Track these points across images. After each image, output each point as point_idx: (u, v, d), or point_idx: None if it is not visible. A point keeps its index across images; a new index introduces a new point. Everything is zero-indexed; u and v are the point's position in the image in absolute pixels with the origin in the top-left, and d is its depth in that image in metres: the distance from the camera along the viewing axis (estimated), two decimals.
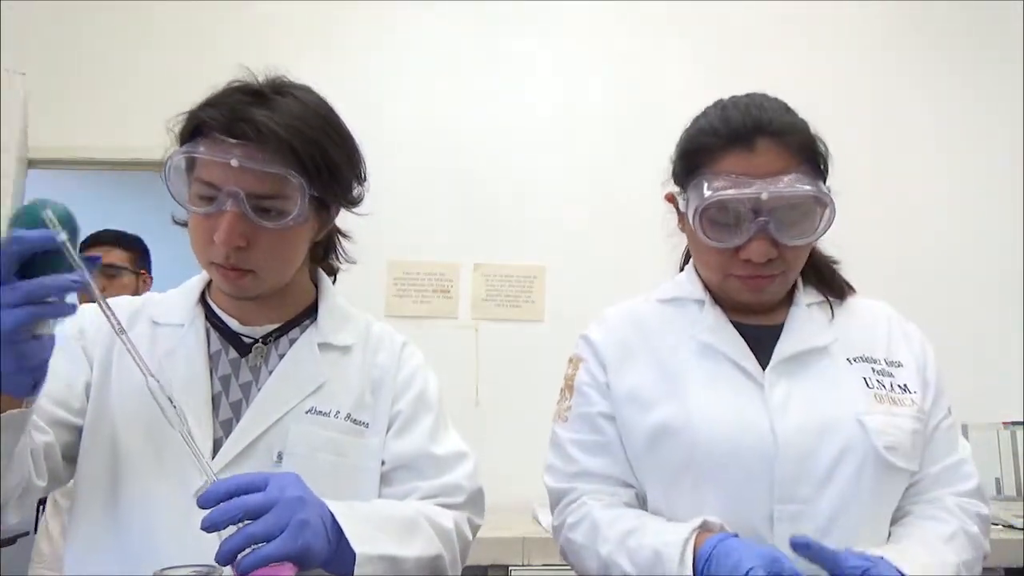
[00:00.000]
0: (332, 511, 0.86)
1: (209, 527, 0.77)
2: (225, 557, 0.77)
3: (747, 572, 0.82)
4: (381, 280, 2.99)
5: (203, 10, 3.06)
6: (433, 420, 1.08)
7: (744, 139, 0.98)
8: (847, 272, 1.17)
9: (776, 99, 1.05)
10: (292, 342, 1.06)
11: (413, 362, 1.12)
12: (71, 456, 0.98)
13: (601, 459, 1.07)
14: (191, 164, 0.97)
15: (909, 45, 3.25)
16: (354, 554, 0.85)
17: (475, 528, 1.07)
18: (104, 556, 0.95)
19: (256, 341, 1.05)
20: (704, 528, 0.93)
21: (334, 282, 1.18)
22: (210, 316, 1.06)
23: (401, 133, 3.01)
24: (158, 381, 0.80)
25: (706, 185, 0.99)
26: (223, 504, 0.77)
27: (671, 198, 1.13)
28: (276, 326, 1.06)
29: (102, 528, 0.96)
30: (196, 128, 0.96)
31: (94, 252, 2.42)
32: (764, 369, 1.03)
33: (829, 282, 1.14)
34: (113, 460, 0.97)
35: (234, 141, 0.92)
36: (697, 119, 1.08)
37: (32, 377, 0.75)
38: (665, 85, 3.13)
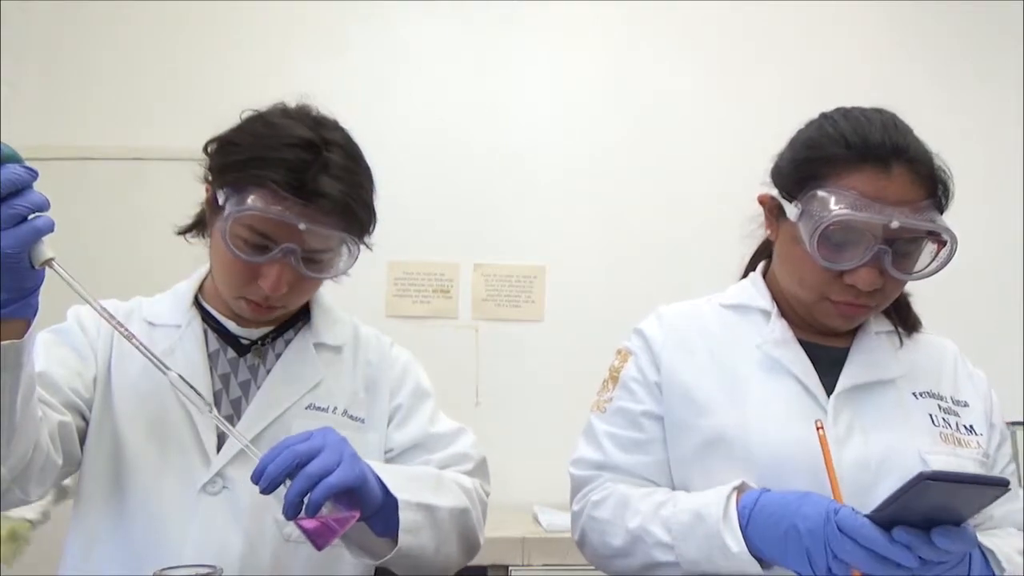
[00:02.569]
0: (370, 464, 0.89)
1: (268, 486, 0.79)
2: (292, 505, 0.79)
3: (832, 510, 0.81)
4: (381, 280, 2.99)
5: (206, 10, 3.06)
6: (431, 407, 1.14)
7: (881, 159, 0.91)
8: None
9: (901, 119, 0.98)
10: (288, 342, 1.09)
11: (403, 358, 1.17)
12: (83, 442, 1.00)
13: (634, 456, 1.03)
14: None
15: (912, 45, 3.25)
16: (394, 508, 0.88)
17: (486, 493, 1.11)
18: (107, 550, 0.97)
19: (254, 342, 1.07)
20: (742, 489, 0.91)
21: None
22: (206, 318, 1.08)
23: (401, 134, 3.01)
24: (179, 375, 0.83)
25: (833, 200, 0.91)
26: (276, 457, 0.79)
27: (766, 199, 1.04)
28: (272, 328, 1.09)
29: (105, 523, 0.98)
30: (251, 179, 0.94)
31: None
32: (826, 391, 0.99)
33: (904, 315, 1.08)
34: (116, 456, 0.99)
35: (300, 202, 0.93)
36: (820, 123, 1.00)
37: (33, 299, 0.76)
38: (666, 85, 3.14)
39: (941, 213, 0.96)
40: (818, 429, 0.89)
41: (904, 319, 1.08)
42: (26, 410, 0.81)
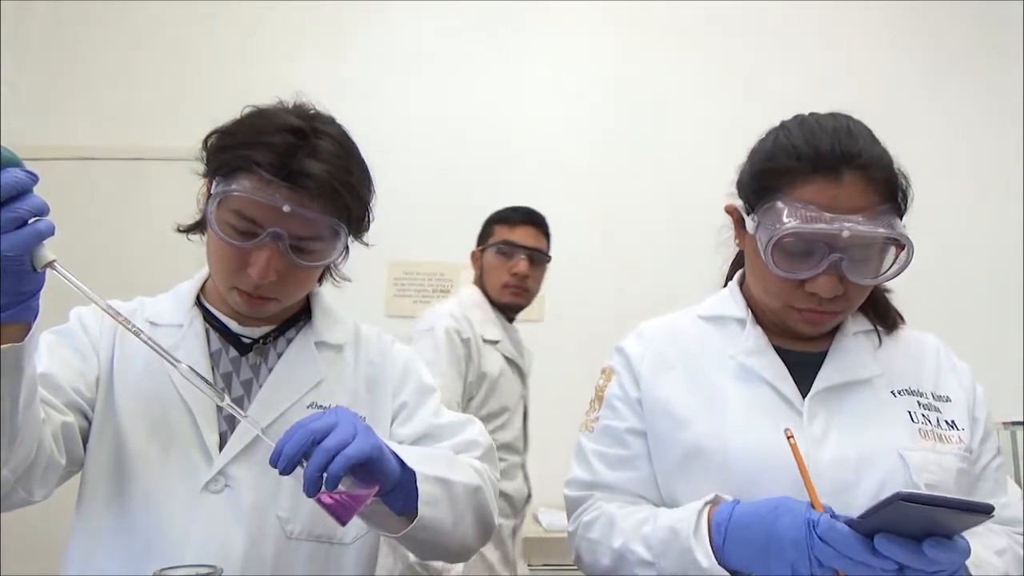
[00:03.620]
0: (384, 441, 0.89)
1: (286, 466, 0.80)
2: (312, 481, 0.79)
3: (812, 521, 0.81)
4: (381, 280, 3.00)
5: (207, 10, 3.06)
6: (436, 402, 1.14)
7: (831, 168, 0.92)
8: None
9: (862, 124, 0.99)
10: (289, 341, 1.09)
11: (405, 356, 1.17)
12: (86, 442, 1.00)
13: (622, 473, 1.05)
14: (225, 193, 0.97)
15: (913, 45, 3.25)
16: (411, 483, 0.89)
17: (496, 479, 1.12)
18: (110, 549, 0.97)
19: (255, 341, 1.07)
20: (716, 502, 0.92)
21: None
22: (208, 318, 1.08)
23: (401, 133, 3.01)
24: (190, 366, 0.84)
25: (784, 213, 0.93)
26: (292, 437, 0.80)
27: (732, 210, 1.06)
28: (273, 327, 1.09)
29: (108, 522, 0.98)
30: (238, 161, 0.95)
31: (524, 230, 2.16)
32: (804, 397, 1.00)
33: (883, 313, 1.09)
34: (119, 455, 0.99)
35: (286, 185, 0.93)
36: (776, 134, 1.01)
37: (34, 303, 0.76)
38: (666, 86, 3.14)
39: (901, 216, 0.96)
40: (788, 438, 0.90)
41: (882, 317, 1.08)
42: (28, 412, 0.81)
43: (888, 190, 0.94)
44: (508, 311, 2.20)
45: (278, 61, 2.97)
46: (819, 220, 0.91)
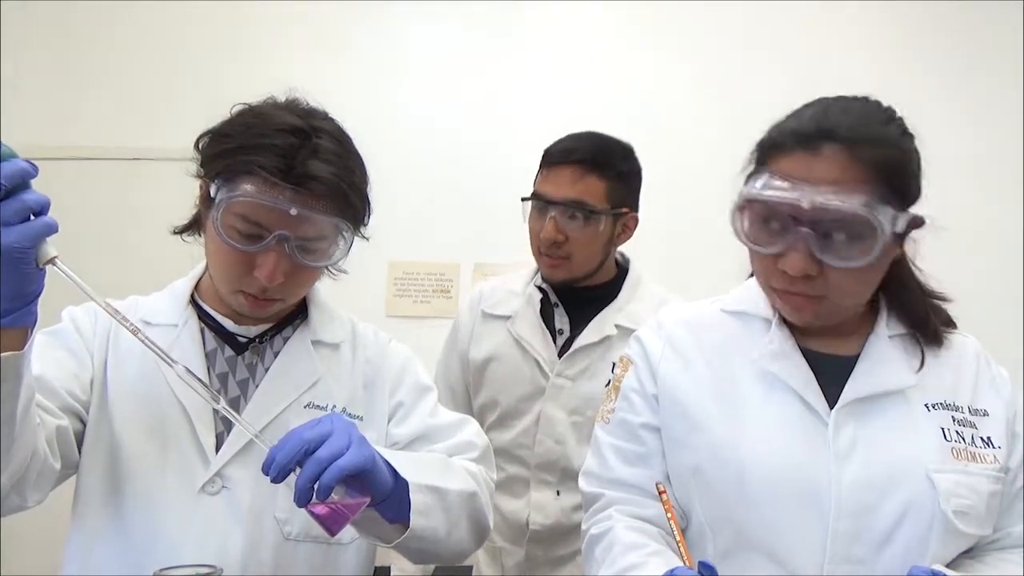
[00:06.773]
0: (377, 449, 0.89)
1: (278, 475, 0.79)
2: (303, 491, 0.79)
3: None
4: (381, 280, 2.99)
5: (205, 10, 3.06)
6: (432, 401, 1.14)
7: (809, 141, 0.87)
8: None
9: (877, 106, 0.93)
10: (286, 340, 1.09)
11: (402, 355, 1.16)
12: (81, 445, 1.00)
13: (637, 469, 1.00)
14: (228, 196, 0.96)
15: (911, 45, 3.25)
16: (404, 493, 0.88)
17: (492, 480, 1.11)
18: (107, 551, 0.97)
19: (251, 340, 1.06)
20: None
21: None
22: (203, 317, 1.07)
23: (401, 133, 3.01)
24: (186, 367, 0.83)
25: (756, 182, 0.89)
26: (285, 445, 0.80)
27: None
28: (269, 325, 1.08)
29: (105, 523, 0.97)
30: (241, 166, 0.94)
31: (556, 174, 1.67)
32: (830, 405, 0.93)
33: (920, 323, 0.99)
34: (114, 457, 0.98)
35: (291, 188, 0.93)
36: (788, 116, 0.97)
37: (34, 307, 0.75)
38: (666, 85, 3.13)
39: (901, 205, 0.89)
40: (661, 493, 0.89)
41: (919, 326, 1.00)
42: (25, 419, 0.80)
43: (879, 171, 0.86)
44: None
45: (278, 61, 2.96)
46: (781, 188, 0.86)
